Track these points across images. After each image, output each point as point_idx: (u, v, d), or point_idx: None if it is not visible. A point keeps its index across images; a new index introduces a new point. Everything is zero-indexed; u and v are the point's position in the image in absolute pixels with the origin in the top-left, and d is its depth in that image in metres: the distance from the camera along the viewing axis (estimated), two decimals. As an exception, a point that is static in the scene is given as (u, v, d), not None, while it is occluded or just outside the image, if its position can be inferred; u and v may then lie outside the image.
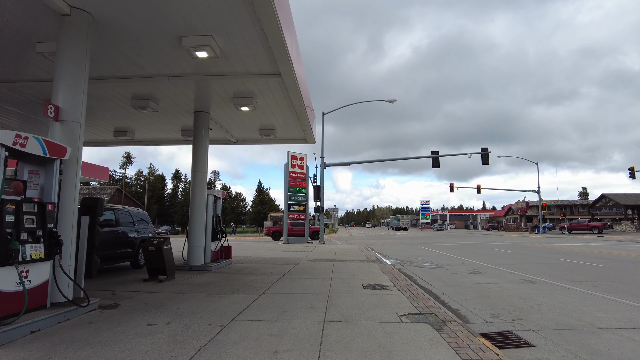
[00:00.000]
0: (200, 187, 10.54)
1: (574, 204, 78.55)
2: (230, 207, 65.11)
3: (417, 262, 13.59)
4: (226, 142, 14.26)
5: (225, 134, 13.04)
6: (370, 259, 13.78)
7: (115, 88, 8.92)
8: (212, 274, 9.34)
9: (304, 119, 10.88)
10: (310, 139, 13.62)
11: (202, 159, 10.66)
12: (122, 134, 13.01)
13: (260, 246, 21.97)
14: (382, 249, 20.22)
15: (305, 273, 9.60)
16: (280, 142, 14.13)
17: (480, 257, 15.29)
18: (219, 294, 6.73)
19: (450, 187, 46.24)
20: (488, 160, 26.08)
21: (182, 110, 10.65)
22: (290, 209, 24.61)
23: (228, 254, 11.75)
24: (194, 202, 10.47)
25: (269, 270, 10.21)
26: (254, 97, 9.45)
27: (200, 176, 10.58)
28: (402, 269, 11.30)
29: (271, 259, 13.47)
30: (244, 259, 13.59)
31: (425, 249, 20.22)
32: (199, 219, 10.40)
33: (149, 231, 11.10)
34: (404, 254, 17.31)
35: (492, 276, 9.74)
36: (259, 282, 8.10)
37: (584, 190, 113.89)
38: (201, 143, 10.67)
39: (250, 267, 11.01)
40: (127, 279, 8.39)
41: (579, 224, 45.92)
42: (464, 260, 14.03)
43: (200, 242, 10.34)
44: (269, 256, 14.81)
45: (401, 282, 8.30)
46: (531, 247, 20.95)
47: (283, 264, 11.75)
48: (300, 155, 25.54)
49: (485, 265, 12.12)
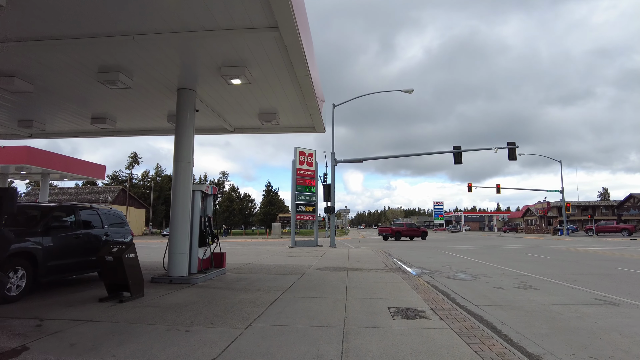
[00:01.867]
0: (183, 181, 8.63)
1: (596, 204, 74.93)
2: (239, 208, 63.45)
3: (446, 271, 11.46)
4: (222, 131, 12.36)
5: (220, 120, 11.14)
6: (389, 267, 11.71)
7: (71, 53, 7.06)
8: (194, 289, 7.40)
9: (310, 97, 8.89)
10: (319, 126, 11.63)
11: (186, 146, 8.75)
12: (100, 121, 11.20)
13: (266, 250, 20.05)
14: (401, 254, 18.08)
15: (312, 289, 7.59)
16: (284, 130, 12.17)
17: (517, 264, 13.07)
18: (188, 324, 4.78)
19: (468, 187, 43.77)
20: (515, 155, 23.73)
21: (163, 87, 8.77)
22: (298, 209, 22.64)
23: (220, 262, 9.81)
24: (175, 199, 8.56)
25: (268, 283, 8.23)
26: (246, 67, 7.50)
27: (183, 168, 8.67)
28: (433, 282, 9.20)
29: (274, 267, 11.50)
30: (242, 266, 11.65)
31: (448, 254, 18.02)
32: (181, 220, 8.48)
33: (125, 234, 9.24)
34: (427, 260, 15.17)
35: (552, 293, 7.59)
36: (251, 303, 6.13)
37: (605, 190, 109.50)
38: (185, 127, 8.76)
39: (246, 278, 9.05)
40: (80, 298, 6.49)
41: (607, 226, 42.91)
42: (501, 269, 11.85)
43: (183, 248, 8.42)
44: (272, 263, 12.85)
45: (439, 303, 6.23)
46: (569, 252, 18.56)
47: (286, 274, 9.77)
48: (309, 151, 23.58)
49: (531, 277, 9.94)
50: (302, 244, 22.82)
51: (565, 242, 30.86)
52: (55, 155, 20.92)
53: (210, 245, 9.37)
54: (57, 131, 12.78)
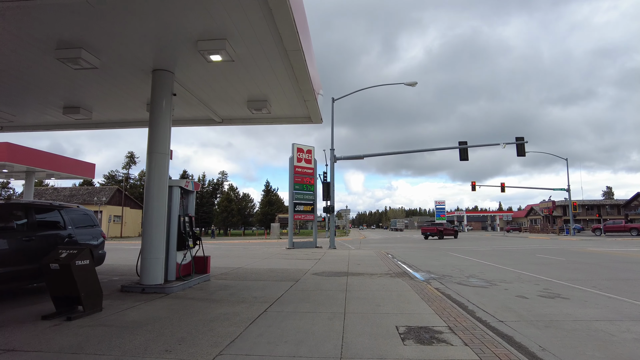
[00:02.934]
0: (158, 176, 7.52)
1: (601, 203, 73.64)
2: (238, 208, 62.27)
3: (457, 276, 10.34)
4: (209, 123, 11.26)
5: (205, 109, 10.04)
6: (394, 271, 10.60)
7: (19, 23, 5.97)
8: (167, 301, 6.30)
9: (303, 79, 7.79)
10: (315, 116, 10.52)
11: (162, 135, 7.65)
12: (73, 111, 10.12)
13: (262, 251, 18.95)
14: (405, 256, 16.96)
15: (305, 299, 6.49)
16: (277, 121, 11.06)
17: (533, 267, 11.94)
18: (139, 354, 3.68)
19: (472, 186, 42.66)
20: (524, 151, 22.56)
21: (136, 69, 7.68)
22: (296, 208, 21.52)
23: (204, 268, 8.71)
24: (149, 196, 7.45)
25: (255, 293, 7.13)
26: (227, 40, 6.41)
27: (158, 160, 7.57)
28: (444, 290, 8.09)
29: (266, 272, 10.40)
30: (230, 271, 10.55)
31: (455, 256, 16.89)
32: (156, 220, 7.38)
33: (94, 237, 8.15)
34: (434, 263, 14.04)
35: (587, 304, 6.47)
36: (228, 320, 5.03)
37: (609, 189, 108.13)
38: (161, 113, 7.66)
39: (232, 286, 7.95)
40: (21, 314, 5.38)
41: (615, 225, 41.67)
42: (517, 273, 10.72)
43: (157, 252, 7.32)
44: (265, 267, 11.75)
45: (457, 319, 5.13)
46: (584, 253, 17.41)
47: (279, 281, 8.67)
48: (308, 148, 22.48)
49: (555, 283, 8.82)
50: (300, 245, 21.71)
51: (573, 242, 29.69)
52: (40, 152, 19.84)
53: (191, 248, 8.27)
54: (30, 123, 11.69)
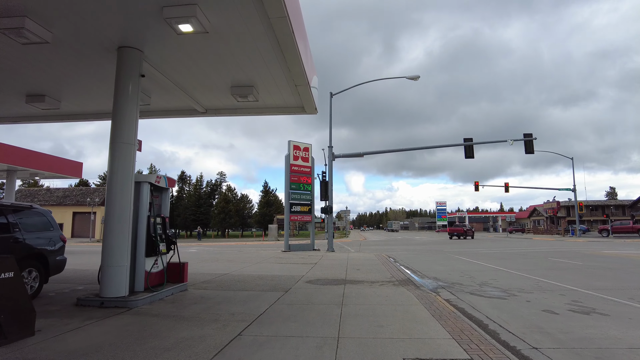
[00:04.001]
0: (122, 169, 6.42)
1: (605, 204, 72.45)
2: (236, 209, 61.11)
3: (468, 283, 9.23)
4: (191, 113, 10.16)
5: (185, 97, 8.95)
6: (397, 278, 9.49)
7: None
8: (124, 319, 5.20)
9: (292, 58, 6.68)
10: (309, 105, 9.43)
11: (127, 122, 6.55)
12: (38, 100, 9.03)
13: (257, 255, 17.85)
14: (408, 260, 15.84)
15: (291, 317, 5.37)
16: (267, 111, 9.95)
17: (550, 273, 10.83)
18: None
19: (475, 186, 41.59)
20: (532, 148, 21.45)
21: (97, 45, 6.59)
22: (293, 209, 20.40)
23: (180, 276, 7.60)
24: (110, 193, 6.36)
25: (234, 307, 6.02)
26: (197, 4, 5.32)
27: (122, 151, 6.47)
28: (456, 302, 6.97)
29: (254, 279, 9.29)
30: (215, 279, 9.44)
31: (461, 260, 15.78)
32: (119, 221, 6.28)
33: (51, 242, 7.05)
34: (439, 268, 12.93)
35: (635, 323, 5.35)
36: (190, 349, 3.93)
37: (612, 190, 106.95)
38: (126, 97, 6.57)
39: (210, 298, 6.85)
40: None
41: (623, 226, 40.47)
42: (534, 280, 9.61)
43: (120, 259, 6.21)
44: (254, 273, 10.64)
45: (479, 345, 4.03)
46: (599, 257, 16.29)
47: (266, 291, 7.57)
48: (305, 146, 21.38)
49: (582, 293, 7.71)
50: (297, 248, 20.59)
51: (581, 244, 28.55)
52: (21, 150, 18.77)
53: (162, 254, 7.17)
54: (-8, 115, 10.61)
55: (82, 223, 44.36)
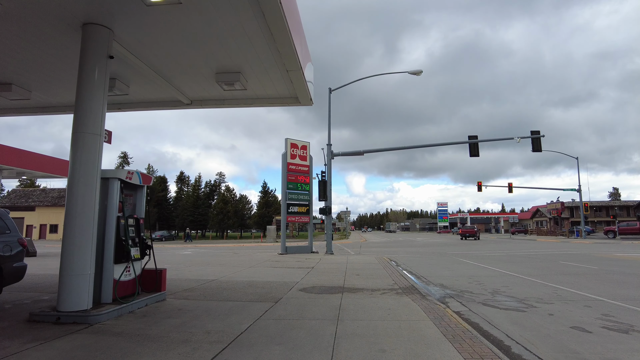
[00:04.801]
0: (86, 163, 5.58)
1: (610, 204, 71.44)
2: (234, 210, 60.22)
3: (478, 292, 8.37)
4: (176, 105, 9.33)
5: (167, 86, 8.12)
6: (400, 284, 8.63)
7: None
8: (77, 341, 4.35)
9: (281, 35, 5.83)
10: (303, 95, 8.58)
11: (93, 109, 5.71)
12: (4, 89, 8.19)
13: (252, 258, 17.02)
14: (410, 264, 14.98)
15: (276, 339, 4.52)
16: (257, 102, 9.10)
17: (566, 279, 9.97)
18: None
19: (478, 186, 40.71)
20: (540, 146, 20.56)
21: (59, 21, 5.76)
22: (290, 209, 19.54)
23: (156, 284, 6.75)
24: (71, 190, 5.51)
25: (212, 323, 5.17)
26: (166, -35, 4.49)
27: (86, 141, 5.62)
28: (469, 315, 6.11)
29: (243, 287, 8.45)
30: (200, 286, 8.59)
31: (467, 263, 14.91)
32: (80, 223, 5.44)
33: (6, 246, 6.21)
34: (445, 272, 12.07)
35: (683, 344, 4.49)
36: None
37: (615, 190, 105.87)
38: (92, 80, 5.74)
39: (189, 310, 6.00)
40: None
41: (630, 227, 39.53)
42: (552, 287, 8.75)
43: (81, 267, 5.37)
44: (245, 279, 9.79)
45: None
46: (614, 260, 15.41)
47: (253, 301, 6.72)
48: (302, 144, 20.54)
49: (612, 304, 6.84)
50: (294, 251, 19.74)
51: (588, 245, 27.64)
52: (5, 147, 17.93)
53: (135, 260, 6.32)
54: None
55: (77, 224, 43.62)
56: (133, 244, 6.33)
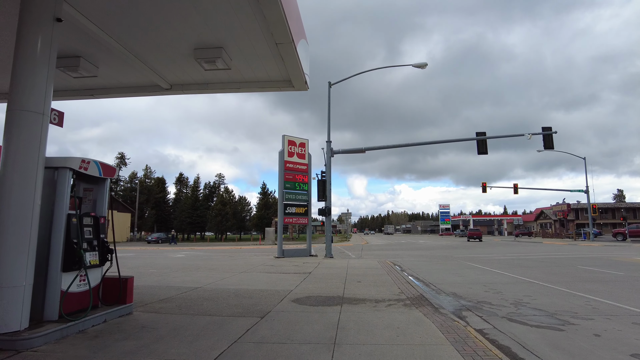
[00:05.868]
0: (25, 147, 4.52)
1: (616, 206, 70.15)
2: (233, 212, 59.12)
3: (498, 303, 7.26)
4: (154, 90, 8.26)
5: (141, 66, 7.05)
6: (407, 294, 7.53)
7: None
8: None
9: (270, 7, 4.76)
10: (297, 77, 7.50)
11: (35, 83, 4.64)
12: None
13: (246, 262, 15.93)
14: (415, 268, 13.87)
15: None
16: (244, 86, 8.02)
17: (597, 288, 8.85)
18: None
19: (482, 187, 39.57)
20: (552, 143, 19.44)
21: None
22: (287, 210, 18.42)
23: (120, 296, 5.66)
24: (4, 181, 4.45)
25: (177, 348, 4.08)
26: None
27: (26, 120, 4.56)
28: (497, 337, 5.00)
29: (227, 297, 7.36)
30: (179, 295, 7.50)
31: (477, 268, 13.79)
32: (14, 221, 4.37)
33: None
34: (455, 278, 10.96)
35: None
36: None
37: (620, 192, 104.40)
38: (34, 47, 4.69)
39: (155, 327, 4.91)
40: None
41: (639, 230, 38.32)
42: (583, 298, 7.64)
43: (13, 277, 4.29)
44: (233, 286, 8.71)
45: None
46: (637, 265, 14.27)
47: (234, 317, 5.63)
48: (301, 141, 19.48)
49: (660, 319, 5.73)
50: (292, 254, 18.63)
51: (600, 248, 26.45)
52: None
53: (91, 267, 5.23)
54: None
55: (72, 226, 42.50)
56: (90, 248, 5.26)
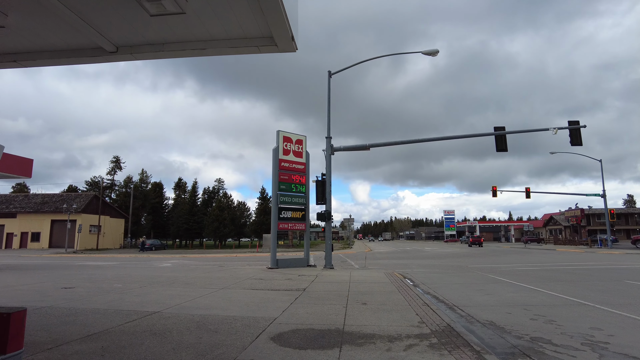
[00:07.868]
0: None
1: (629, 212, 67.66)
2: (231, 217, 57.04)
3: (564, 342, 5.19)
4: (96, 54, 6.28)
5: (66, 13, 5.10)
6: (430, 324, 5.47)
7: None
8: None
9: None
10: (280, 34, 5.52)
11: None
12: None
13: (233, 274, 13.94)
14: (430, 282, 11.79)
15: None
16: (212, 45, 6.01)
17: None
18: None
19: (493, 191, 37.49)
20: (580, 138, 17.41)
21: None
22: (282, 215, 16.36)
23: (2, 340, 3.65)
24: None
25: None
26: None
27: None
28: None
29: (187, 328, 5.33)
30: (123, 324, 5.48)
31: (503, 282, 11.68)
32: None
33: None
34: (484, 298, 8.88)
35: None
36: None
37: (630, 197, 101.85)
38: None
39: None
40: None
41: (660, 237, 36.01)
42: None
43: None
44: (200, 311, 6.69)
45: None
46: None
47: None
48: (298, 138, 17.53)
49: None
50: (286, 264, 16.57)
51: (624, 257, 24.23)
52: (-57, 140, 15.02)
53: None
54: None
55: (61, 232, 40.57)
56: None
